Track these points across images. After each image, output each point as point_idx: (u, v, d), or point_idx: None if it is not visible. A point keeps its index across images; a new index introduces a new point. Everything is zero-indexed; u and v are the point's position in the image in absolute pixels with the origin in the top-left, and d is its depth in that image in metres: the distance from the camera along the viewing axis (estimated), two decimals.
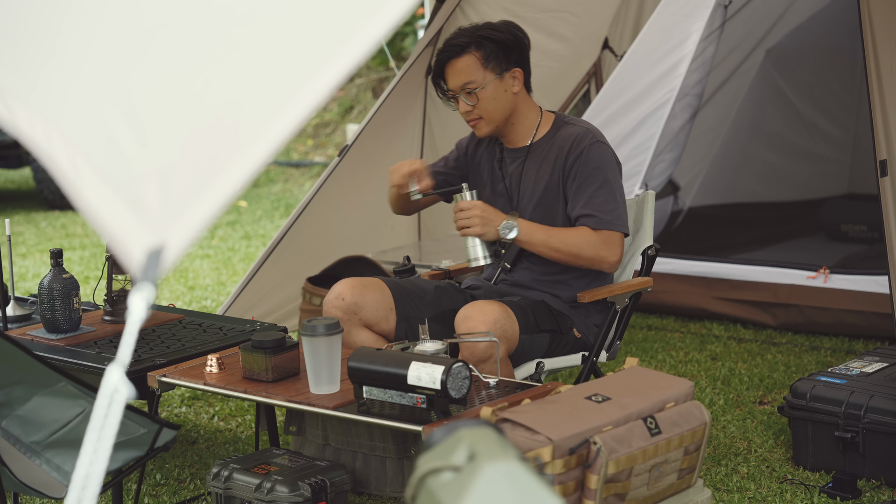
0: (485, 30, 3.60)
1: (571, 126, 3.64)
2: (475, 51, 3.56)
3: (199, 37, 1.78)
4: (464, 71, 3.56)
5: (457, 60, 3.57)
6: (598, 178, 3.54)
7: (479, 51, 3.57)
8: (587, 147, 3.56)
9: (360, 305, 3.55)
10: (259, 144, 1.59)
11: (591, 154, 3.55)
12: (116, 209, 1.63)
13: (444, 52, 3.60)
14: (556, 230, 3.54)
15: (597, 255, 3.52)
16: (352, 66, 1.60)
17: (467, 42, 3.57)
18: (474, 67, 3.56)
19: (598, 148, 3.57)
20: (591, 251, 3.51)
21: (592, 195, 3.53)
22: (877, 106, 3.71)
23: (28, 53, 1.90)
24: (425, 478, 1.56)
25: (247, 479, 3.16)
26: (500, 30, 3.61)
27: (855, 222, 6.19)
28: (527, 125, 3.67)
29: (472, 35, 3.58)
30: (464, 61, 3.56)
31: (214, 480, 3.21)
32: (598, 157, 3.56)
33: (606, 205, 3.52)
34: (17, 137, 1.80)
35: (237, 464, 3.23)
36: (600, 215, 3.52)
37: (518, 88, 3.63)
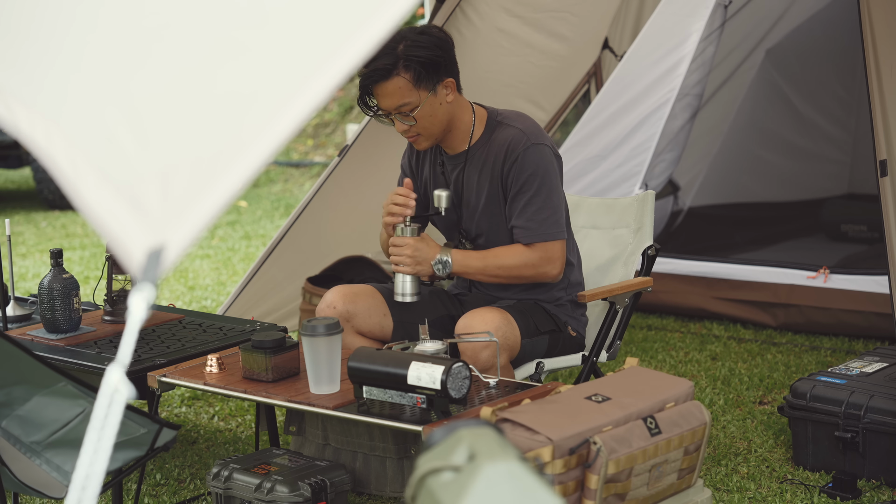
0: (409, 47, 3.39)
1: (506, 128, 3.53)
2: (404, 72, 3.39)
3: (199, 37, 1.78)
4: (395, 94, 3.40)
5: (385, 83, 3.40)
6: (532, 184, 3.46)
7: (408, 72, 3.39)
8: (521, 153, 3.47)
9: (353, 313, 3.55)
10: (259, 145, 1.59)
11: (525, 159, 3.46)
12: (117, 209, 1.63)
13: (371, 77, 3.41)
14: (491, 255, 3.48)
15: (536, 272, 3.48)
16: (352, 67, 1.60)
17: (393, 63, 3.38)
18: (406, 89, 3.40)
19: (532, 151, 3.47)
20: (531, 270, 3.47)
21: (527, 204, 3.46)
22: (877, 106, 3.71)
23: (28, 53, 1.90)
24: (425, 478, 1.56)
25: (247, 479, 3.16)
26: (424, 45, 3.41)
27: (855, 222, 6.19)
28: (464, 129, 3.56)
29: (397, 55, 3.39)
30: (393, 84, 3.39)
31: (214, 480, 3.21)
32: (533, 162, 3.46)
33: (541, 213, 3.45)
34: (18, 137, 1.80)
35: (237, 464, 3.23)
36: (534, 227, 3.46)
37: (452, 97, 3.49)
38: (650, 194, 3.97)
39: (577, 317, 3.68)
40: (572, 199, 4.18)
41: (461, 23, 5.44)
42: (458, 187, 3.60)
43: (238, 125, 1.65)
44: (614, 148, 5.30)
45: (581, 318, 3.70)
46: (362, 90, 3.46)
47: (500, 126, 3.55)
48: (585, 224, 4.10)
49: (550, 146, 3.53)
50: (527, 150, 3.46)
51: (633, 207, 3.96)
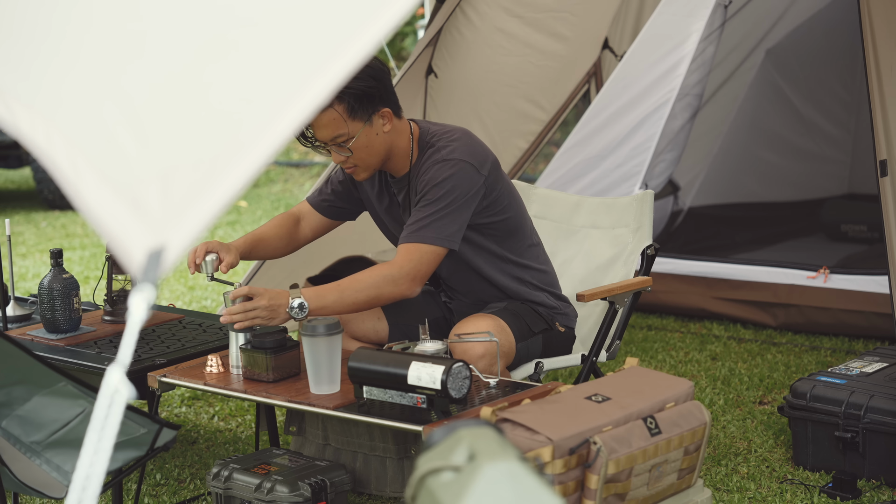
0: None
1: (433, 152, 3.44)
2: (337, 104, 3.31)
3: (199, 38, 1.78)
4: (329, 125, 3.33)
5: (320, 115, 3.32)
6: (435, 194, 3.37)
7: (341, 104, 3.31)
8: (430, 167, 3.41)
9: (347, 319, 3.55)
10: (260, 145, 1.59)
11: (432, 174, 3.39)
12: (117, 210, 1.63)
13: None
14: (346, 283, 3.33)
15: (395, 290, 3.33)
16: (352, 67, 1.60)
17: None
18: (339, 122, 3.32)
19: (442, 166, 3.39)
20: (389, 287, 3.32)
21: (420, 209, 3.39)
22: (877, 106, 3.71)
23: (29, 54, 1.90)
24: (425, 478, 1.56)
25: (247, 479, 3.16)
26: (357, 76, 3.29)
27: (855, 222, 6.19)
28: (403, 154, 3.47)
29: None
30: (327, 116, 3.32)
31: (214, 480, 3.21)
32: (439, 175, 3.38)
33: (428, 218, 3.36)
34: (18, 138, 1.80)
35: (237, 464, 3.23)
36: (414, 229, 3.36)
37: (389, 126, 3.40)
38: (649, 194, 3.97)
39: (562, 311, 3.67)
40: (572, 198, 4.18)
41: (461, 23, 5.45)
42: (404, 210, 3.55)
43: (238, 126, 1.65)
44: (614, 148, 5.30)
45: (568, 312, 3.69)
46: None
47: (428, 150, 3.46)
48: (585, 224, 4.10)
49: (470, 162, 3.40)
50: (436, 164, 3.39)
51: (633, 207, 3.96)
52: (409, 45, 10.64)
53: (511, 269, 3.59)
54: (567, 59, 5.88)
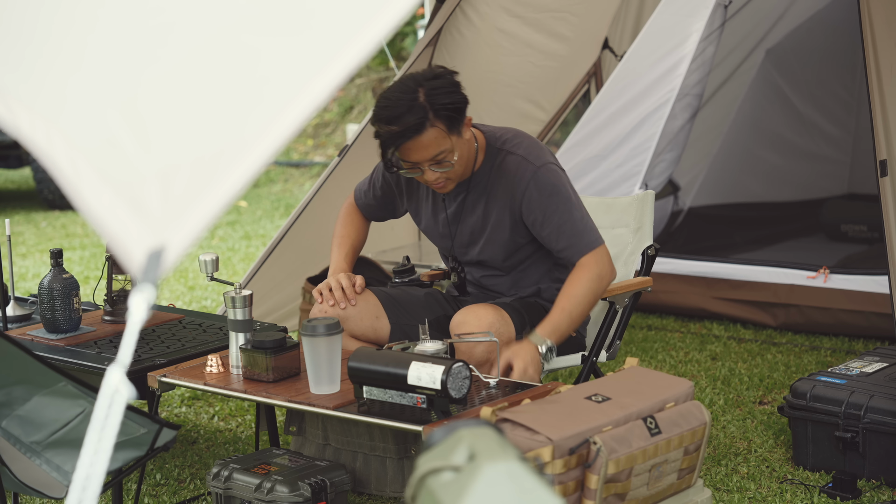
0: (432, 95, 3.31)
1: (508, 156, 3.48)
2: (437, 122, 3.31)
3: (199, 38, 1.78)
4: (431, 145, 3.33)
5: (419, 138, 3.31)
6: (556, 206, 3.43)
7: (440, 121, 3.32)
8: (530, 180, 3.44)
9: (345, 317, 3.55)
10: (260, 145, 1.59)
11: (537, 186, 3.44)
12: (117, 210, 1.63)
13: (402, 135, 3.30)
14: (566, 303, 3.39)
15: (601, 284, 3.43)
16: (352, 68, 1.60)
17: (423, 116, 3.29)
18: (441, 138, 3.33)
19: (541, 175, 3.44)
20: (599, 285, 3.42)
21: (560, 225, 3.43)
22: (877, 106, 3.71)
23: (29, 54, 1.90)
24: (425, 478, 1.56)
25: (247, 479, 3.16)
26: (444, 89, 3.34)
27: (855, 222, 6.19)
28: (469, 158, 3.50)
29: (423, 106, 3.30)
30: (428, 136, 3.31)
31: (214, 480, 3.21)
32: (547, 184, 3.44)
33: (575, 227, 3.43)
34: (18, 138, 1.80)
35: (237, 464, 3.23)
36: (576, 242, 3.43)
37: (470, 133, 3.46)
38: (650, 194, 3.97)
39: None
40: None
41: (461, 23, 5.45)
42: (456, 212, 3.57)
43: (239, 126, 1.65)
44: (614, 148, 5.30)
45: (583, 325, 3.70)
46: (387, 147, 3.36)
47: (501, 154, 3.50)
48: None
49: (553, 161, 3.51)
50: (535, 175, 3.44)
51: (633, 207, 3.96)
52: (409, 45, 10.64)
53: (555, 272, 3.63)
54: (567, 59, 5.88)
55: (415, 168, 3.40)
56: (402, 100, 3.31)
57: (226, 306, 3.38)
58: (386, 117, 3.32)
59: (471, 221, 3.56)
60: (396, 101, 3.32)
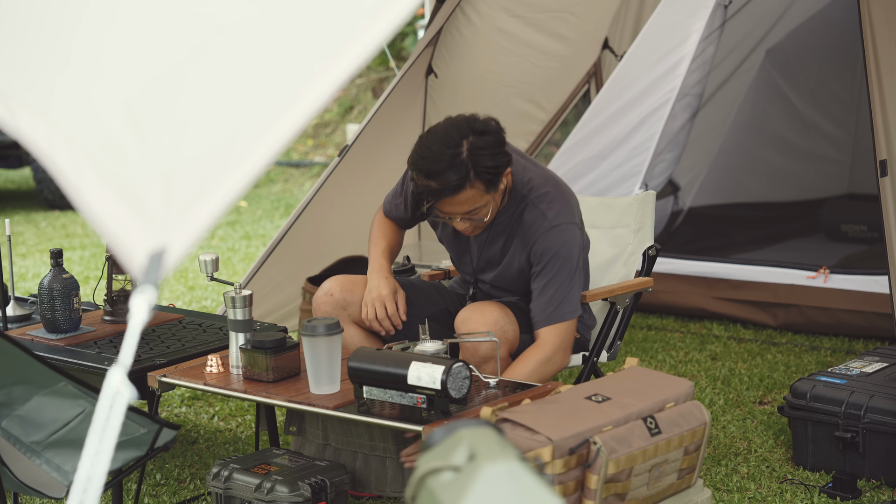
0: (476, 155, 3.23)
1: (530, 207, 3.44)
2: (477, 182, 3.27)
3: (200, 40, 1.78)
4: (466, 202, 3.30)
5: (456, 196, 3.28)
6: (553, 266, 3.41)
7: (480, 181, 3.27)
8: (541, 236, 3.41)
9: (349, 302, 3.56)
10: (261, 147, 1.59)
11: (545, 242, 3.40)
12: (118, 212, 1.63)
13: (440, 192, 3.26)
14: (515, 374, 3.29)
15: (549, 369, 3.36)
16: (353, 69, 1.60)
17: (464, 177, 3.24)
18: (478, 197, 3.30)
19: (552, 234, 3.40)
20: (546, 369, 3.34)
21: (545, 286, 3.41)
22: (877, 106, 3.71)
23: (30, 56, 1.90)
24: (425, 478, 1.56)
25: (247, 479, 3.16)
26: (489, 149, 3.26)
27: (855, 222, 6.19)
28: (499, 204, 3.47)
29: (465, 165, 3.23)
30: (465, 195, 3.28)
31: (214, 480, 3.21)
32: (554, 244, 3.40)
33: (557, 295, 3.39)
34: (20, 140, 1.80)
35: (237, 464, 3.23)
36: (550, 310, 3.40)
37: (507, 180, 3.39)
38: (651, 194, 3.97)
39: (582, 320, 3.68)
40: None
41: (461, 23, 5.45)
42: (479, 242, 3.56)
43: (240, 127, 1.65)
44: (614, 148, 5.30)
45: (586, 321, 3.70)
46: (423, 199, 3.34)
47: (524, 202, 3.45)
48: (585, 223, 4.09)
49: (570, 221, 3.44)
50: (547, 232, 3.41)
51: (634, 207, 3.96)
52: (409, 45, 10.64)
53: None
54: (567, 59, 5.88)
55: (446, 216, 3.39)
56: (445, 154, 3.23)
57: (226, 306, 3.38)
58: (426, 170, 3.26)
59: (489, 253, 3.56)
60: (438, 154, 3.23)
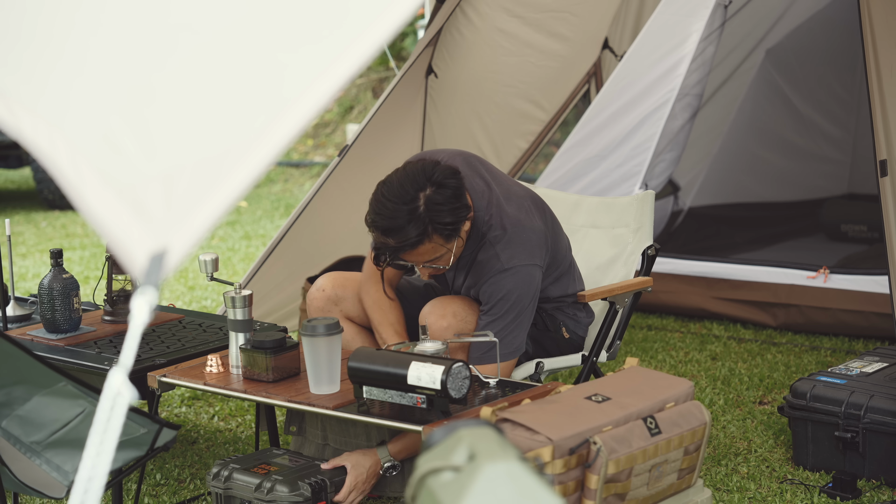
0: (433, 211, 3.19)
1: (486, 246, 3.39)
2: (435, 237, 3.24)
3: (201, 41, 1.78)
4: (425, 254, 3.28)
5: (415, 250, 3.25)
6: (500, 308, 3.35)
7: (438, 234, 3.23)
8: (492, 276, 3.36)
9: (341, 297, 3.59)
10: (262, 148, 1.59)
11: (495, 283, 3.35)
12: (119, 213, 1.63)
13: (398, 249, 3.23)
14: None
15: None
16: (354, 71, 1.60)
17: (422, 233, 3.20)
18: (437, 248, 3.27)
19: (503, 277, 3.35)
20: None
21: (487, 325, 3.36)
22: (877, 106, 3.71)
23: (31, 57, 1.90)
24: (425, 478, 1.56)
25: (247, 479, 3.16)
26: (446, 203, 3.21)
27: (855, 222, 6.19)
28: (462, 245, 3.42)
29: (423, 221, 3.19)
30: (424, 248, 3.25)
31: (214, 480, 3.22)
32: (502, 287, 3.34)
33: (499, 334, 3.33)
34: (20, 141, 1.80)
35: (237, 464, 3.23)
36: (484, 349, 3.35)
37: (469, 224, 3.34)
38: (650, 194, 3.97)
39: (576, 318, 3.67)
40: (572, 198, 4.18)
41: (461, 23, 5.45)
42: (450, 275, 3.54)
43: (241, 128, 1.65)
44: (614, 148, 5.30)
45: (581, 320, 3.70)
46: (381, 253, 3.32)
47: (482, 242, 3.40)
48: (585, 223, 4.10)
49: (524, 263, 3.36)
50: (497, 275, 3.36)
51: (633, 207, 3.97)
52: (409, 45, 10.64)
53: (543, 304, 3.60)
54: (567, 59, 5.87)
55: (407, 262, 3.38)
56: (401, 211, 3.18)
57: (226, 306, 3.39)
58: (383, 228, 3.21)
59: (457, 284, 3.54)
60: (394, 211, 3.18)
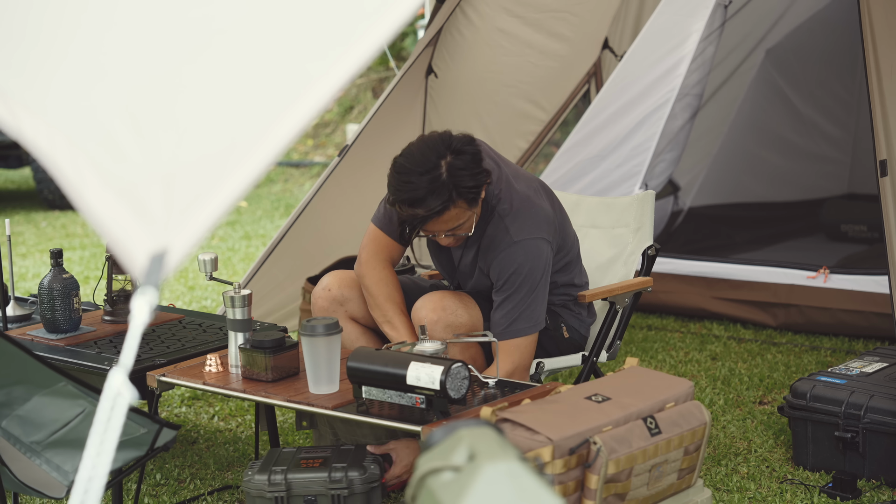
0: (455, 176, 3.26)
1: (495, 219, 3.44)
2: (459, 201, 3.30)
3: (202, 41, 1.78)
4: (451, 220, 3.34)
5: (440, 216, 3.31)
6: (513, 283, 3.39)
7: (462, 199, 3.30)
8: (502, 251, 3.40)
9: (347, 298, 3.58)
10: (262, 148, 1.59)
11: (506, 257, 3.40)
12: (120, 213, 1.63)
13: (425, 218, 3.29)
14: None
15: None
16: (354, 72, 1.60)
17: (447, 199, 3.26)
18: (461, 214, 3.33)
19: (514, 250, 3.39)
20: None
21: (504, 301, 3.40)
22: (877, 106, 3.71)
23: (32, 58, 1.90)
24: (425, 478, 1.56)
25: (310, 476, 3.12)
26: (468, 168, 3.29)
27: (855, 222, 6.19)
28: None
29: (448, 188, 3.26)
30: (449, 215, 3.31)
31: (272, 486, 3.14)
32: (514, 261, 3.38)
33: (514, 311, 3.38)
34: (21, 141, 1.80)
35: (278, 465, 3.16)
36: (505, 323, 3.39)
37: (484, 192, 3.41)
38: (650, 194, 3.97)
39: (578, 317, 3.68)
40: (572, 198, 4.18)
41: (461, 23, 5.45)
42: (457, 254, 3.57)
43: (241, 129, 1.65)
44: (614, 148, 5.31)
45: (584, 319, 3.70)
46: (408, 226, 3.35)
47: (492, 216, 3.45)
48: (585, 223, 4.10)
49: (534, 237, 3.42)
50: (508, 249, 3.40)
51: (633, 207, 3.97)
52: (409, 45, 10.64)
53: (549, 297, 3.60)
54: (567, 59, 5.88)
55: (429, 233, 3.41)
56: (424, 180, 3.25)
57: (225, 306, 3.39)
58: (409, 200, 3.27)
59: (463, 265, 3.56)
60: (418, 181, 3.25)
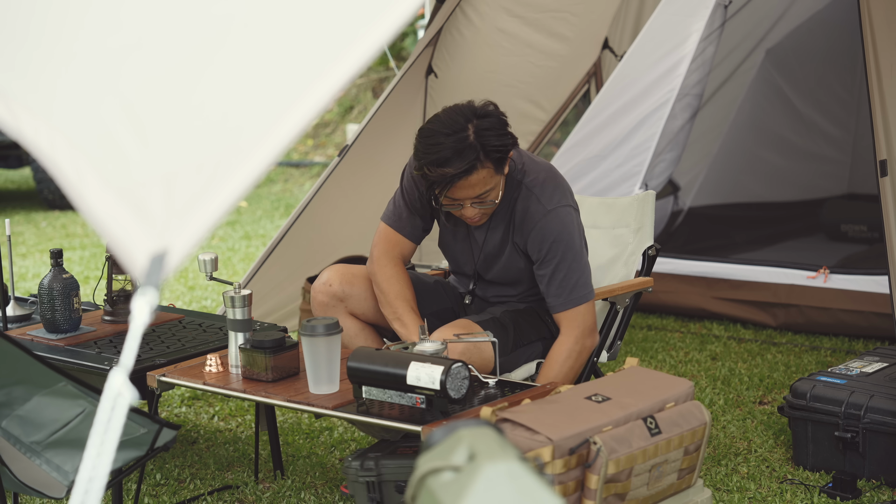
0: (482, 136, 3.28)
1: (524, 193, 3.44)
2: (486, 161, 3.29)
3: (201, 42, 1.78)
4: (478, 184, 3.31)
5: (469, 177, 3.29)
6: (556, 252, 3.40)
7: (489, 160, 3.29)
8: (538, 221, 3.40)
9: (348, 294, 3.57)
10: (262, 149, 1.59)
11: (544, 229, 3.40)
12: (120, 214, 1.63)
13: (454, 177, 3.28)
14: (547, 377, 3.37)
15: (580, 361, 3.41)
16: (354, 72, 1.60)
17: (475, 158, 3.26)
18: (489, 177, 3.32)
19: (550, 219, 3.40)
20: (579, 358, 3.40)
21: (553, 273, 3.40)
22: (877, 106, 3.71)
23: (32, 58, 1.91)
24: (425, 478, 1.56)
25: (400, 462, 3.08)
26: (494, 129, 3.31)
27: (855, 222, 6.19)
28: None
29: (474, 146, 3.27)
30: (477, 176, 3.30)
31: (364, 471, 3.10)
32: (553, 230, 3.40)
33: (568, 280, 3.40)
34: (21, 142, 1.80)
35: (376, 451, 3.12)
36: (564, 294, 3.40)
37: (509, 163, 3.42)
38: (650, 194, 3.97)
39: None
40: None
41: (461, 23, 5.45)
42: (481, 236, 3.54)
43: (241, 130, 1.65)
44: (614, 148, 5.31)
45: None
46: (435, 188, 3.33)
47: (519, 189, 3.45)
48: (585, 223, 4.08)
49: (566, 204, 3.45)
50: (543, 218, 3.41)
51: (634, 207, 3.97)
52: (409, 45, 10.64)
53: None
54: (567, 59, 5.88)
55: (455, 204, 3.38)
56: (451, 139, 3.26)
57: (225, 306, 3.39)
58: (437, 160, 3.27)
59: (489, 247, 3.54)
60: (446, 141, 3.26)
